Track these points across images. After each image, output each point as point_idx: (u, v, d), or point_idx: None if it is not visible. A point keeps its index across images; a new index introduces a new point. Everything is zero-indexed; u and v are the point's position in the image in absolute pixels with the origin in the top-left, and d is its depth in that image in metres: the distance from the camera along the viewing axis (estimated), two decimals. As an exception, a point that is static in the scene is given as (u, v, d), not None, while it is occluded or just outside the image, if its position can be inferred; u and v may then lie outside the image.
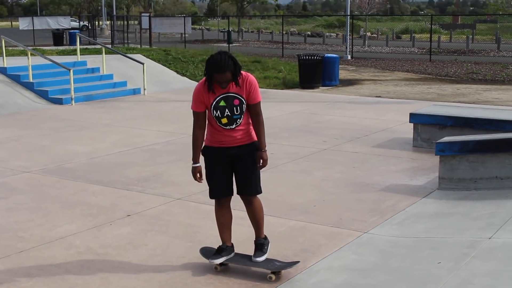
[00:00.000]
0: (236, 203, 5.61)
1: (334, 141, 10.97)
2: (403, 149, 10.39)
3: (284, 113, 14.24)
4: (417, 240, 6.23)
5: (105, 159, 9.77)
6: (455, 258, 5.60)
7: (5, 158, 9.83)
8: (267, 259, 5.51)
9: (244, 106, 5.24)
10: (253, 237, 5.61)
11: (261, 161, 5.42)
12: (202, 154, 5.41)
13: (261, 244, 5.56)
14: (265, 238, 5.63)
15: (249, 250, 5.61)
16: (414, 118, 10.60)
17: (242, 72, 5.20)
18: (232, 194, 5.48)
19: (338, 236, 6.38)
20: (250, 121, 5.38)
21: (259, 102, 5.33)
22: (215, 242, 6.05)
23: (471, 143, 7.91)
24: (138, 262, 5.75)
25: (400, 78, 22.57)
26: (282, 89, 19.47)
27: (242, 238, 6.15)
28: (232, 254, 5.54)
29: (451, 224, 6.70)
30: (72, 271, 5.54)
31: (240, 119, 5.25)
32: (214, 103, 5.19)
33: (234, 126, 5.26)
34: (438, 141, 8.26)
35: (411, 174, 8.84)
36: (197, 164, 5.37)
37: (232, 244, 5.59)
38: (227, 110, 5.19)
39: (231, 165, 5.39)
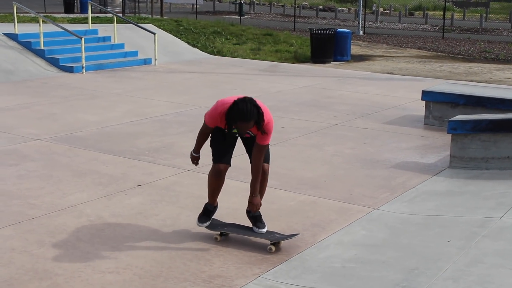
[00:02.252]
0: (236, 174, 5.61)
1: (345, 117, 10.94)
2: (414, 126, 10.35)
3: (295, 87, 14.19)
4: (427, 218, 6.23)
5: (115, 128, 9.77)
6: (465, 236, 5.60)
7: (16, 125, 9.85)
8: (267, 231, 5.57)
9: (253, 140, 5.38)
10: (263, 210, 5.61)
11: (251, 205, 5.50)
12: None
13: (259, 216, 5.64)
14: None
15: (245, 217, 5.62)
16: (426, 95, 10.54)
17: (264, 117, 5.22)
18: (230, 166, 5.53)
19: (348, 212, 6.39)
20: None
21: (266, 145, 5.36)
22: (225, 214, 6.08)
23: (484, 122, 7.87)
24: (148, 232, 5.77)
25: (412, 55, 22.43)
26: (293, 63, 19.39)
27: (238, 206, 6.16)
28: (215, 211, 5.70)
29: (462, 203, 6.69)
30: (83, 239, 5.57)
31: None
32: (228, 127, 5.30)
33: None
34: (451, 119, 8.23)
35: (422, 151, 8.81)
36: (197, 155, 5.59)
37: (217, 203, 5.69)
38: (237, 134, 5.38)
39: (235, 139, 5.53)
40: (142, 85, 14.06)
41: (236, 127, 5.16)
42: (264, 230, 5.57)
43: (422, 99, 10.63)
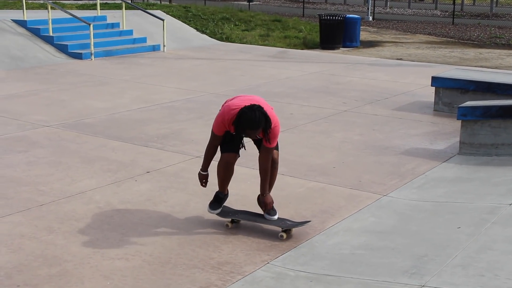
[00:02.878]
0: (245, 161, 5.59)
1: (354, 103, 10.90)
2: (423, 112, 10.30)
3: (304, 73, 14.14)
4: (436, 204, 6.20)
5: (124, 115, 9.78)
6: (475, 223, 5.58)
7: (25, 111, 9.86)
8: (278, 218, 5.55)
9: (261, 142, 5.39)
10: (272, 197, 5.60)
11: (263, 204, 5.56)
12: None
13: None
14: None
15: (254, 203, 5.60)
16: (436, 81, 10.49)
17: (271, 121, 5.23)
18: (239, 156, 5.54)
19: (357, 198, 6.37)
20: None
21: (273, 148, 5.38)
22: (234, 201, 6.08)
23: (494, 108, 7.83)
24: (157, 219, 5.78)
25: (421, 41, 22.31)
26: (302, 49, 19.32)
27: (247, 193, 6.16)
28: (226, 199, 5.71)
29: (471, 189, 6.66)
30: (92, 226, 5.58)
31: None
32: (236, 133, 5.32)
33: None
34: (460, 105, 8.18)
35: (432, 138, 8.78)
36: (205, 173, 5.59)
37: (227, 191, 5.70)
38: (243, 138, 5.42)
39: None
40: (150, 71, 14.04)
41: (245, 134, 5.24)
42: (276, 217, 5.56)
43: (431, 85, 10.57)
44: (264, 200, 5.52)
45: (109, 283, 4.61)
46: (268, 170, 5.43)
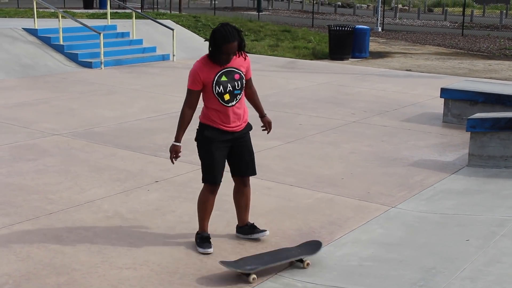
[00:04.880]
0: (263, 173, 5.59)
1: (362, 114, 10.90)
2: (432, 124, 10.29)
3: (313, 84, 14.15)
4: (445, 216, 6.19)
5: (133, 124, 9.81)
6: (484, 236, 5.56)
7: (35, 120, 9.91)
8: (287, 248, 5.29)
9: (244, 81, 5.18)
10: (280, 207, 5.57)
11: (268, 125, 5.56)
12: (203, 135, 5.27)
13: (252, 224, 5.59)
14: None
15: (277, 220, 5.60)
16: (445, 93, 10.47)
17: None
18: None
19: (366, 210, 6.36)
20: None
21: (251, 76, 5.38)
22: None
23: (503, 120, 7.81)
24: (165, 228, 5.78)
25: (431, 52, 22.30)
26: (311, 59, 19.34)
27: (270, 208, 6.17)
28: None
29: (480, 201, 6.64)
30: (101, 235, 5.60)
31: (239, 95, 5.16)
32: (216, 78, 5.07)
33: (234, 102, 5.14)
34: (470, 117, 8.17)
35: (440, 149, 8.76)
36: (178, 144, 5.31)
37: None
38: (229, 85, 5.08)
39: (228, 150, 5.28)
40: (160, 81, 14.09)
41: (221, 56, 5.02)
42: (267, 232, 5.55)
43: (440, 97, 10.56)
44: (267, 119, 5.55)
45: (117, 293, 4.61)
46: (256, 90, 5.47)
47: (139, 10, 25.17)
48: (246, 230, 5.57)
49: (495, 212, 6.21)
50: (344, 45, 19.69)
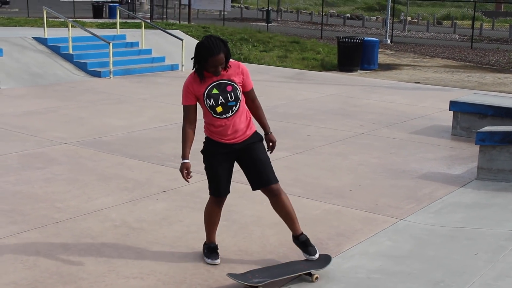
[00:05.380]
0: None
1: (371, 126, 10.88)
2: (441, 137, 10.26)
3: (321, 95, 14.15)
4: (453, 229, 6.15)
5: (141, 133, 9.82)
6: (493, 250, 5.52)
7: (43, 128, 9.94)
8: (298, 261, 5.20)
9: (239, 92, 5.02)
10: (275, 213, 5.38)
11: (271, 144, 5.33)
12: (204, 148, 5.25)
13: (307, 240, 5.22)
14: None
15: (284, 231, 5.58)
16: (454, 106, 10.45)
17: (231, 60, 5.06)
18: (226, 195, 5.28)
19: (374, 222, 6.33)
20: (247, 111, 5.19)
21: (253, 88, 5.23)
22: (250, 222, 6.06)
23: (513, 134, 7.77)
24: (172, 238, 5.77)
25: (440, 64, 22.28)
26: (320, 71, 19.35)
27: (278, 219, 6.15)
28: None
29: (489, 215, 6.60)
30: (108, 244, 5.59)
31: (235, 107, 5.01)
32: (206, 91, 4.99)
33: (230, 114, 5.02)
34: (479, 130, 8.14)
35: (449, 162, 8.73)
36: (186, 161, 5.16)
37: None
38: (220, 97, 4.98)
39: (234, 161, 5.19)
40: (168, 90, 14.12)
41: (208, 69, 4.91)
42: (317, 255, 5.16)
43: (449, 110, 10.54)
44: (272, 138, 5.34)
45: (123, 302, 4.59)
46: (260, 104, 5.31)
47: (149, 20, 25.28)
48: (298, 244, 5.28)
49: (504, 226, 6.17)
50: (353, 56, 19.72)
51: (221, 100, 4.98)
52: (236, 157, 5.17)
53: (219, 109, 5.01)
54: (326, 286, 4.92)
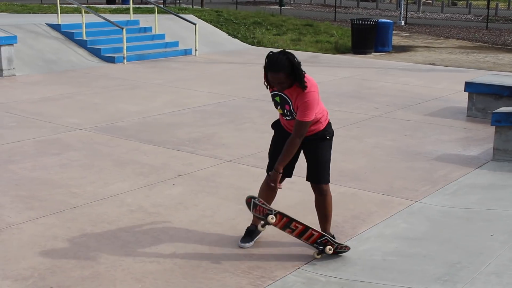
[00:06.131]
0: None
1: (386, 108, 10.84)
2: (456, 118, 10.20)
3: (335, 78, 14.11)
4: (469, 211, 6.14)
5: (156, 118, 9.84)
6: (509, 231, 5.51)
7: (58, 114, 9.98)
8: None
9: (294, 114, 4.96)
10: (303, 202, 5.51)
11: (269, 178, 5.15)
12: (273, 124, 5.36)
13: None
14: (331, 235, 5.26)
15: (299, 214, 5.58)
16: (470, 87, 10.38)
17: (307, 82, 4.84)
18: (289, 176, 5.29)
19: (389, 204, 6.33)
20: (319, 115, 5.06)
21: (303, 121, 4.87)
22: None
23: (529, 114, 7.72)
24: (188, 223, 5.80)
25: (455, 45, 22.11)
26: (334, 53, 19.27)
27: (293, 202, 6.16)
28: (261, 233, 5.40)
29: (505, 196, 6.58)
30: (124, 229, 5.62)
31: (292, 118, 5.01)
32: (272, 93, 5.09)
33: (288, 118, 5.07)
34: (495, 111, 8.09)
35: (465, 144, 8.69)
36: (279, 172, 5.05)
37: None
38: (279, 106, 5.06)
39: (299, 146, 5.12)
40: (182, 75, 14.12)
41: (270, 83, 4.90)
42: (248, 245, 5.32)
43: (465, 91, 10.47)
44: (271, 175, 5.06)
45: (140, 286, 4.63)
46: (291, 145, 4.91)
47: (162, 5, 25.23)
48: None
49: (520, 207, 6.14)
50: (367, 39, 19.60)
51: (279, 108, 5.08)
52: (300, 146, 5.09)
53: (279, 110, 5.13)
54: (342, 269, 4.93)
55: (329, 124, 5.22)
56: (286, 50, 4.92)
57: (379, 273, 4.86)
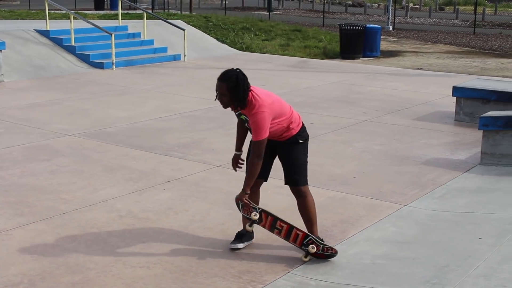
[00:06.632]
0: (275, 172, 5.58)
1: (374, 113, 10.89)
2: (444, 122, 10.27)
3: (324, 83, 14.16)
4: (458, 214, 6.18)
5: (145, 124, 9.84)
6: (497, 234, 5.55)
7: (47, 120, 9.97)
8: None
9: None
10: (292, 206, 5.54)
11: (237, 201, 5.15)
12: None
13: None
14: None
15: (289, 219, 5.60)
16: (457, 91, 10.45)
17: (254, 100, 4.96)
18: (264, 180, 5.35)
19: (378, 208, 6.36)
20: (286, 124, 5.17)
21: (257, 141, 4.97)
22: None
23: (516, 118, 7.78)
24: (178, 228, 5.81)
25: (442, 50, 22.23)
26: (322, 58, 19.33)
27: (282, 206, 6.17)
28: (252, 240, 5.46)
29: (493, 199, 6.63)
30: (114, 234, 5.63)
31: None
32: (236, 113, 5.18)
33: None
34: (482, 115, 8.15)
35: (453, 148, 8.74)
36: (236, 152, 5.41)
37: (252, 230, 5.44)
38: (246, 124, 5.15)
39: (273, 150, 5.26)
40: (171, 81, 14.13)
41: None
42: (240, 246, 5.38)
43: (452, 95, 10.54)
44: (237, 197, 5.15)
45: (130, 291, 4.63)
46: (251, 165, 5.02)
47: (150, 11, 25.22)
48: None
49: (507, 210, 6.19)
50: (355, 44, 19.69)
51: (247, 125, 5.14)
52: (273, 150, 5.23)
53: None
54: (332, 272, 4.96)
55: (302, 128, 5.31)
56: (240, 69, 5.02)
57: (368, 276, 4.89)
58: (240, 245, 5.36)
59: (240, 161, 5.41)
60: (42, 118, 10.11)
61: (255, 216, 5.06)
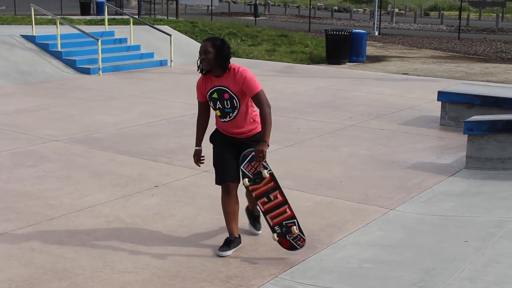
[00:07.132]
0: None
1: (360, 118, 10.95)
2: (430, 127, 10.34)
3: (310, 88, 14.21)
4: (443, 218, 6.23)
5: (132, 129, 9.85)
6: (482, 237, 5.60)
7: (34, 126, 9.95)
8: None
9: (236, 101, 5.22)
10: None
11: (258, 153, 5.09)
12: (211, 135, 5.53)
13: (258, 216, 5.82)
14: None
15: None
16: (442, 96, 10.53)
17: (233, 65, 5.22)
18: (239, 181, 5.37)
19: (365, 212, 6.40)
20: (254, 115, 5.34)
21: (259, 92, 5.21)
22: (241, 215, 6.10)
23: (500, 122, 7.86)
24: (166, 233, 5.82)
25: (427, 55, 22.38)
26: (308, 64, 19.40)
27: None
28: (240, 245, 5.49)
29: (478, 203, 6.69)
30: (102, 239, 5.63)
31: (232, 113, 5.25)
32: (208, 93, 5.30)
33: (228, 119, 5.30)
34: (467, 119, 8.22)
35: (438, 152, 8.81)
36: (196, 147, 5.56)
37: (239, 235, 5.50)
38: (218, 102, 5.26)
39: (237, 151, 5.36)
40: (158, 86, 14.13)
41: (199, 54, 5.18)
42: (259, 232, 5.77)
43: (438, 100, 10.62)
44: (258, 148, 5.10)
45: (119, 296, 4.64)
46: (266, 112, 5.16)
47: (137, 16, 25.23)
48: (250, 215, 5.82)
49: (493, 213, 6.25)
50: (341, 49, 19.78)
51: (218, 105, 5.26)
52: (238, 149, 5.36)
53: (217, 112, 5.32)
54: (319, 276, 4.99)
55: None
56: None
57: (355, 280, 4.93)
58: (229, 252, 5.37)
59: (201, 156, 5.56)
60: (29, 124, 10.08)
61: (267, 172, 5.15)
